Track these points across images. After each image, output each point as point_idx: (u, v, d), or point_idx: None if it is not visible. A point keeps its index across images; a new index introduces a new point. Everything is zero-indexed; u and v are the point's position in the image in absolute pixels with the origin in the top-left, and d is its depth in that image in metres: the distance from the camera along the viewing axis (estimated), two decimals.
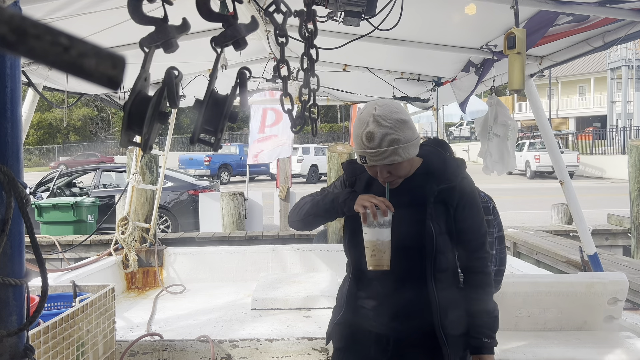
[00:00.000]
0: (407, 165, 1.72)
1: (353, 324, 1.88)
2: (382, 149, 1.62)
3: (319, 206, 1.83)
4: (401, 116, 1.66)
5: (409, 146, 1.66)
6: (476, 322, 1.76)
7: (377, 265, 1.70)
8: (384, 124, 1.62)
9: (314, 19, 1.81)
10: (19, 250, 1.32)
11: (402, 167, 1.71)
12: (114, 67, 0.42)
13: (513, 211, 13.22)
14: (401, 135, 1.63)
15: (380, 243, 1.68)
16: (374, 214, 1.65)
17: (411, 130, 1.67)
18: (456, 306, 1.76)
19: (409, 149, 1.66)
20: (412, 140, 1.66)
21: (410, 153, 1.67)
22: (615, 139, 28.72)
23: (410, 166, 1.76)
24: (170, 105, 1.27)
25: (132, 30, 1.74)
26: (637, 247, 7.12)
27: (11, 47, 0.39)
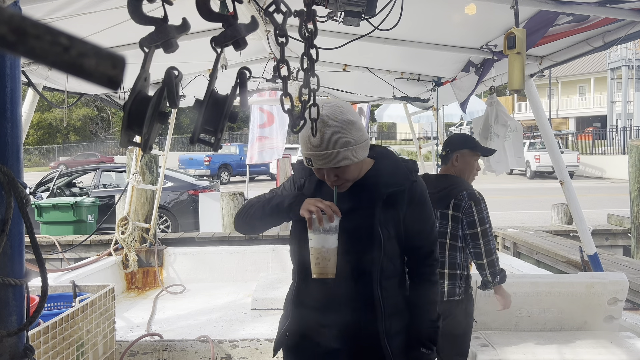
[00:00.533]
0: (355, 168, 1.64)
1: (299, 333, 1.79)
2: (327, 151, 1.53)
3: (264, 210, 1.73)
4: (349, 117, 1.57)
5: (357, 149, 1.57)
6: (417, 332, 1.69)
7: (322, 274, 1.61)
8: (330, 125, 1.53)
9: (314, 19, 1.81)
10: (19, 250, 1.32)
11: (349, 171, 1.62)
12: (114, 67, 0.42)
13: (513, 211, 13.22)
14: (348, 137, 1.55)
15: (325, 250, 1.59)
16: (320, 219, 1.56)
17: (359, 132, 1.58)
18: (402, 315, 1.70)
19: (356, 152, 1.58)
20: (359, 142, 1.58)
21: (358, 156, 1.59)
22: (615, 139, 28.73)
23: (360, 169, 1.67)
24: (170, 105, 1.27)
25: (132, 30, 1.74)
26: (637, 247, 7.12)
27: (11, 47, 0.39)
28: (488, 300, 2.72)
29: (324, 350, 1.73)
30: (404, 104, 5.96)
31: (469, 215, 2.61)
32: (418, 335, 1.67)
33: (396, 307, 1.68)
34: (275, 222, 1.77)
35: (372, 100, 5.95)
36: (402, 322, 1.70)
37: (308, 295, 1.75)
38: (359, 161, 1.61)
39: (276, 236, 7.23)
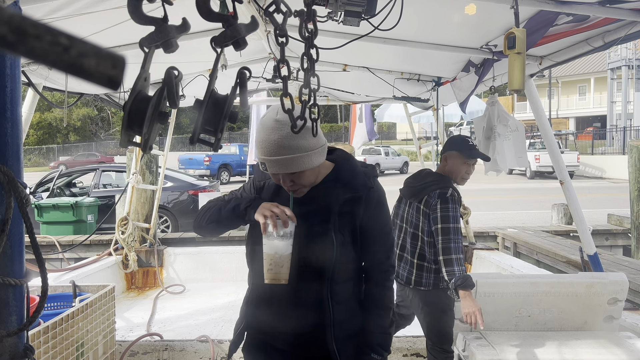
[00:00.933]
0: (311, 174, 1.61)
1: (253, 338, 1.80)
2: (281, 156, 1.51)
3: (221, 212, 1.69)
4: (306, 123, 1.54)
5: (312, 154, 1.55)
6: (368, 337, 1.67)
7: (274, 279, 1.59)
8: (284, 130, 1.50)
9: (314, 19, 1.81)
10: (19, 250, 1.32)
11: (305, 176, 1.59)
12: (114, 67, 0.42)
13: (513, 211, 13.22)
14: (303, 142, 1.52)
15: (278, 256, 1.57)
16: (274, 224, 1.53)
17: (315, 137, 1.54)
18: (354, 321, 1.69)
19: (311, 158, 1.55)
20: (315, 148, 1.55)
21: (313, 162, 1.56)
22: (615, 139, 28.74)
23: (316, 175, 1.65)
24: (170, 105, 1.27)
25: (132, 30, 1.74)
26: (637, 247, 7.12)
27: (11, 47, 0.39)
28: (488, 300, 2.72)
29: (278, 353, 1.73)
30: (404, 104, 5.96)
31: (433, 211, 2.77)
32: (369, 340, 1.66)
33: (348, 312, 1.67)
34: (232, 225, 1.71)
35: (372, 100, 5.95)
36: (354, 328, 1.68)
37: (262, 298, 1.73)
38: (314, 167, 1.58)
39: None
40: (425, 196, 2.84)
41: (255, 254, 1.69)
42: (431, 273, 2.86)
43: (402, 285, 3.00)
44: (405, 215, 3.00)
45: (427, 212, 2.82)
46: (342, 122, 42.25)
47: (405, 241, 2.96)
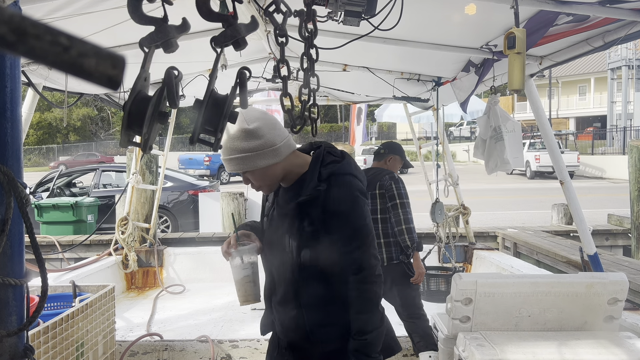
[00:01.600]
0: (261, 174, 1.66)
1: (268, 323, 2.01)
2: (227, 157, 1.64)
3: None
4: (245, 125, 1.60)
5: (254, 156, 1.61)
6: (349, 343, 1.65)
7: (245, 301, 1.83)
8: (229, 132, 1.61)
9: (314, 19, 1.81)
10: (19, 250, 1.32)
11: (256, 176, 1.67)
12: (114, 67, 0.42)
13: (513, 211, 13.22)
14: (243, 145, 1.60)
15: (240, 282, 1.83)
16: (226, 257, 1.84)
17: (258, 140, 1.60)
18: (328, 321, 1.68)
19: (254, 159, 1.61)
20: (256, 150, 1.60)
21: (257, 163, 1.61)
22: (615, 139, 28.73)
23: (271, 176, 1.68)
24: (170, 105, 1.27)
25: (132, 30, 1.74)
26: (637, 247, 7.12)
27: (11, 47, 0.39)
28: (488, 300, 2.72)
29: (278, 344, 1.92)
30: (404, 104, 5.96)
31: (389, 190, 3.36)
32: (350, 346, 1.65)
33: (322, 316, 1.69)
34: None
35: (372, 100, 5.95)
36: (328, 329, 1.69)
37: (272, 293, 1.88)
38: (261, 167, 1.64)
39: None
40: (378, 182, 3.42)
41: (265, 253, 1.86)
42: (397, 246, 3.36)
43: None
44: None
45: (382, 192, 3.38)
46: (342, 122, 42.25)
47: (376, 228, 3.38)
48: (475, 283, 2.69)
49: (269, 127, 1.63)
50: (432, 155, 5.92)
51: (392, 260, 3.32)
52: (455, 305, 2.73)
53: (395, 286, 3.38)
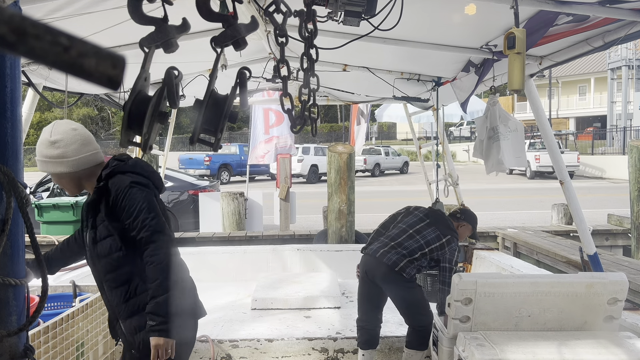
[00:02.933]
0: (56, 178, 2.02)
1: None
2: (37, 158, 1.98)
3: None
4: (46, 136, 1.94)
5: (49, 162, 1.95)
6: (147, 307, 1.96)
7: None
8: (41, 138, 1.97)
9: (314, 19, 1.81)
10: (19, 250, 1.32)
11: (57, 179, 2.03)
12: (114, 67, 0.42)
13: (513, 211, 13.22)
14: (43, 150, 1.94)
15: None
16: None
17: (56, 149, 1.93)
18: (134, 300, 2.02)
19: (48, 165, 1.96)
20: (51, 158, 1.94)
21: (50, 168, 1.96)
22: (615, 139, 28.72)
23: (65, 182, 2.04)
24: (170, 105, 1.27)
25: (132, 30, 1.75)
26: (637, 247, 7.12)
27: (11, 47, 0.39)
28: (488, 300, 2.72)
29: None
30: (404, 104, 5.96)
31: (451, 252, 3.38)
32: (147, 312, 1.94)
33: (122, 296, 2.02)
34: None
35: (372, 100, 5.95)
36: (134, 306, 2.01)
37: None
38: (55, 173, 1.98)
39: (276, 236, 7.23)
40: (451, 236, 3.41)
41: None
42: (414, 270, 3.32)
43: (383, 264, 3.31)
44: (417, 226, 3.46)
45: (445, 246, 3.37)
46: (342, 122, 42.25)
47: (404, 239, 3.40)
48: (475, 283, 2.69)
49: (67, 142, 1.95)
50: (432, 155, 5.92)
51: (403, 272, 3.29)
52: (455, 305, 2.73)
53: (402, 296, 3.36)
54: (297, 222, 9.49)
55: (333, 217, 6.45)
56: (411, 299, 3.34)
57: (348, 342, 3.58)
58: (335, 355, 3.56)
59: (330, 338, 3.60)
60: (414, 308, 3.34)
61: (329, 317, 4.49)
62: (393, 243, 3.42)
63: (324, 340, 3.58)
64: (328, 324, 4.28)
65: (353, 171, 6.62)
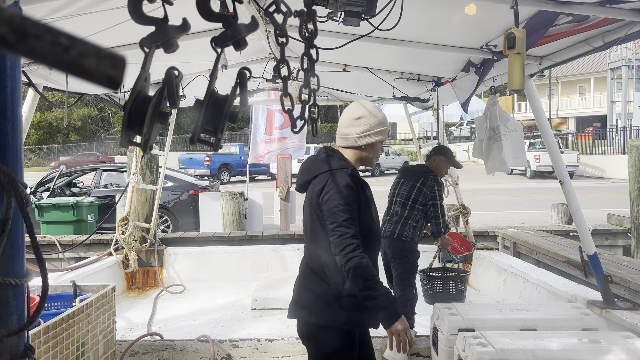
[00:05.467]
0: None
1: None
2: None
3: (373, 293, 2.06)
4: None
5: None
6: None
7: None
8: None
9: (314, 19, 1.81)
10: (19, 250, 1.32)
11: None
12: (114, 67, 0.42)
13: (513, 211, 13.21)
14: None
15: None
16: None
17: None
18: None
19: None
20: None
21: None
22: (615, 139, 28.71)
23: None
24: (170, 105, 1.27)
25: (132, 30, 1.75)
26: (637, 247, 7.12)
27: (12, 47, 0.39)
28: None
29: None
30: (404, 104, 5.96)
31: (431, 190, 3.95)
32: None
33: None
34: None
35: (372, 100, 5.95)
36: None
37: None
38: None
39: (276, 236, 7.23)
40: (422, 178, 3.99)
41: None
42: (411, 229, 3.97)
43: (387, 237, 4.00)
44: (398, 191, 4.09)
45: (422, 188, 3.96)
46: None
47: (396, 209, 4.06)
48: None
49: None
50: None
51: (401, 237, 3.93)
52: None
53: (400, 256, 3.97)
54: (297, 222, 9.48)
55: None
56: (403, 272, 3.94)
57: None
58: None
59: None
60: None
61: None
62: (387, 217, 4.10)
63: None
64: None
65: None
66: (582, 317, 3.11)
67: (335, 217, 2.05)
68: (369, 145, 2.23)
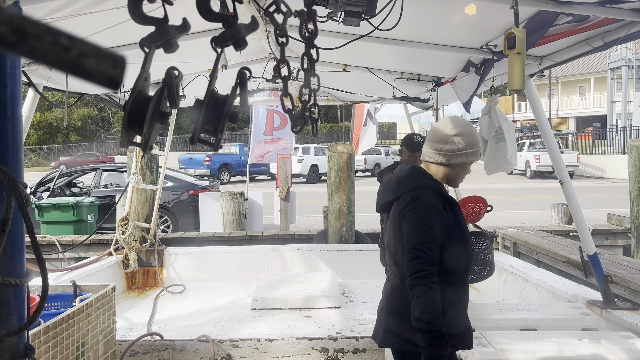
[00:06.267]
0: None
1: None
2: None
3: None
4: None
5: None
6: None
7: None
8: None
9: (314, 19, 1.81)
10: (19, 250, 1.32)
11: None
12: (114, 67, 0.42)
13: (513, 211, 13.21)
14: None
15: None
16: None
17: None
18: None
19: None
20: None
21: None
22: (615, 139, 28.72)
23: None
24: (170, 105, 1.27)
25: (132, 30, 1.75)
26: (637, 247, 7.12)
27: (12, 47, 0.39)
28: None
29: None
30: (404, 104, 5.96)
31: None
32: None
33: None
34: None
35: (372, 100, 5.95)
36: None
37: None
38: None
39: (276, 236, 7.23)
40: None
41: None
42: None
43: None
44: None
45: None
46: (342, 122, 42.21)
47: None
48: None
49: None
50: None
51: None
52: None
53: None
54: (297, 222, 9.48)
55: (333, 217, 6.44)
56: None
57: (348, 342, 3.57)
58: (336, 355, 3.55)
59: (331, 338, 3.60)
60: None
61: (329, 317, 4.49)
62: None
63: (324, 340, 3.58)
64: (328, 324, 4.28)
65: (353, 171, 6.62)
66: (582, 317, 3.11)
67: (412, 238, 1.93)
68: (460, 165, 2.08)
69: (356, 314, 4.58)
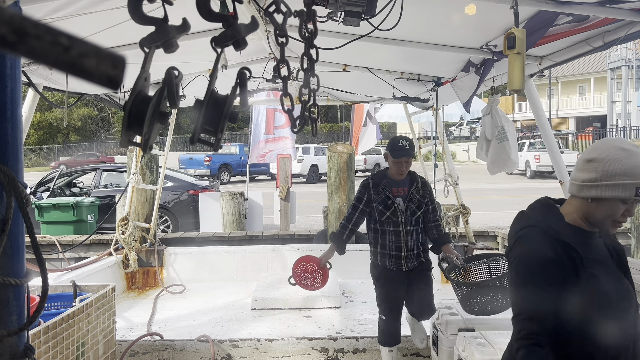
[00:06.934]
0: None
1: None
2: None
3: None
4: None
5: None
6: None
7: None
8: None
9: (314, 19, 1.81)
10: (19, 250, 1.32)
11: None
12: (114, 67, 0.42)
13: (513, 211, 13.12)
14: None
15: None
16: None
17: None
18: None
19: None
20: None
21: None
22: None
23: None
24: (170, 105, 1.27)
25: (132, 30, 1.75)
26: (637, 247, 7.12)
27: (12, 47, 0.39)
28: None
29: None
30: (404, 104, 5.96)
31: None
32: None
33: None
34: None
35: (372, 100, 5.95)
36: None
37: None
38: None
39: (276, 236, 7.22)
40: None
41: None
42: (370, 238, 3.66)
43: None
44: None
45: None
46: (342, 122, 42.22)
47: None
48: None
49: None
50: (432, 155, 5.92)
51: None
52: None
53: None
54: (297, 222, 9.48)
55: (333, 217, 6.44)
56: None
57: (348, 342, 3.58)
58: (335, 355, 3.55)
59: (330, 338, 3.60)
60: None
61: (329, 317, 4.49)
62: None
63: (324, 340, 3.58)
64: (328, 324, 4.29)
65: (353, 171, 6.62)
66: None
67: (516, 302, 1.57)
68: (596, 201, 1.57)
69: (356, 314, 4.58)
